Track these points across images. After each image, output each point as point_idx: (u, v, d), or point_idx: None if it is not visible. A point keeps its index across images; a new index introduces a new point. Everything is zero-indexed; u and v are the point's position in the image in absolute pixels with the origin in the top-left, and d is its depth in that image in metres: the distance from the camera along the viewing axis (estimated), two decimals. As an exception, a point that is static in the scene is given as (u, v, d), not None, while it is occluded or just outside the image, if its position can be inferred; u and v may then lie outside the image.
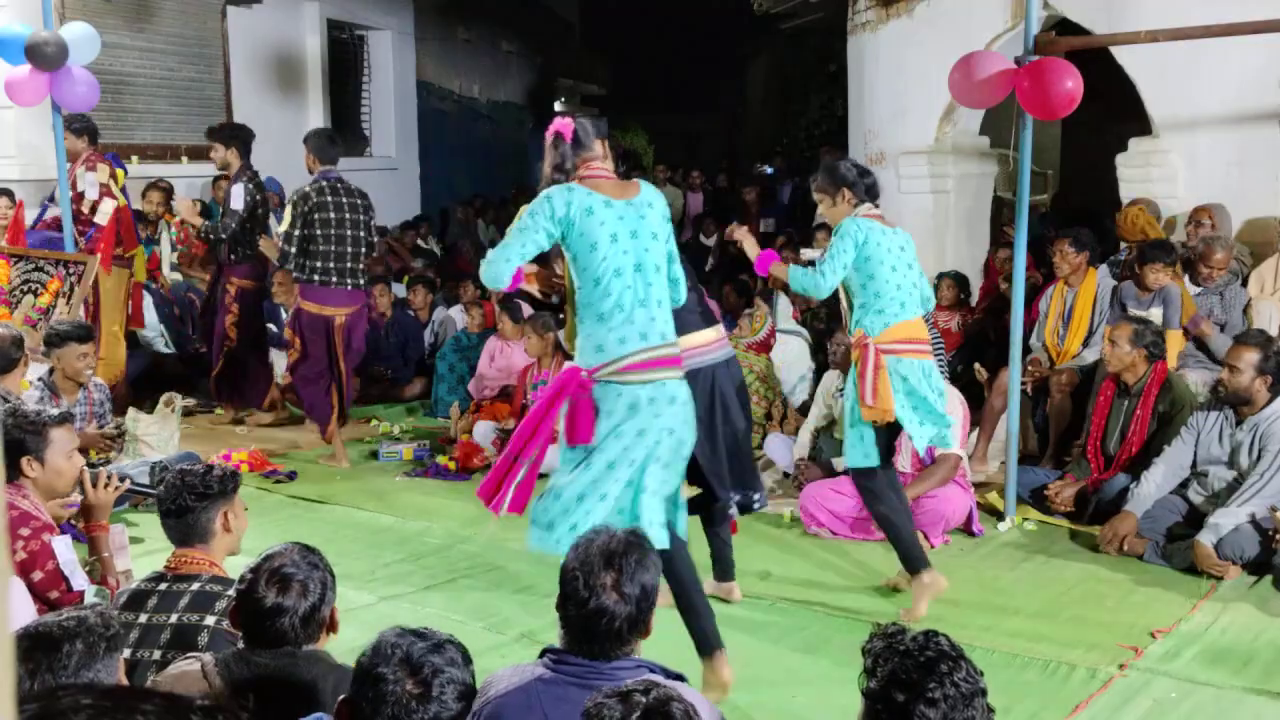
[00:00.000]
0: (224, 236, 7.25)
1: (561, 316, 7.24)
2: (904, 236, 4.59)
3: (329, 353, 6.72)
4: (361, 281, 6.76)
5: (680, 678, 2.43)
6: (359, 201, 6.68)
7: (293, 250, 6.53)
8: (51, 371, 5.79)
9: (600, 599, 2.35)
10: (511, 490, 3.58)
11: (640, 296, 3.53)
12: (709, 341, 4.36)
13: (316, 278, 6.58)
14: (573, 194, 3.53)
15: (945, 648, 2.09)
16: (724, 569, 4.66)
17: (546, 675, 2.36)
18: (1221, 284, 6.46)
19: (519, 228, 3.55)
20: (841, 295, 4.62)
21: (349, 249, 6.61)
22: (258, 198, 7.24)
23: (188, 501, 3.13)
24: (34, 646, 2.26)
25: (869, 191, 4.57)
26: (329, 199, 6.55)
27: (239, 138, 7.27)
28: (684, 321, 4.08)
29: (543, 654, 2.45)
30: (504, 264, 3.56)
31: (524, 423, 3.64)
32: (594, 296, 3.51)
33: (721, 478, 4.30)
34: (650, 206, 3.63)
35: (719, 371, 4.35)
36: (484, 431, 6.81)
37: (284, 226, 6.56)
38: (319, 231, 6.51)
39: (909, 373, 4.44)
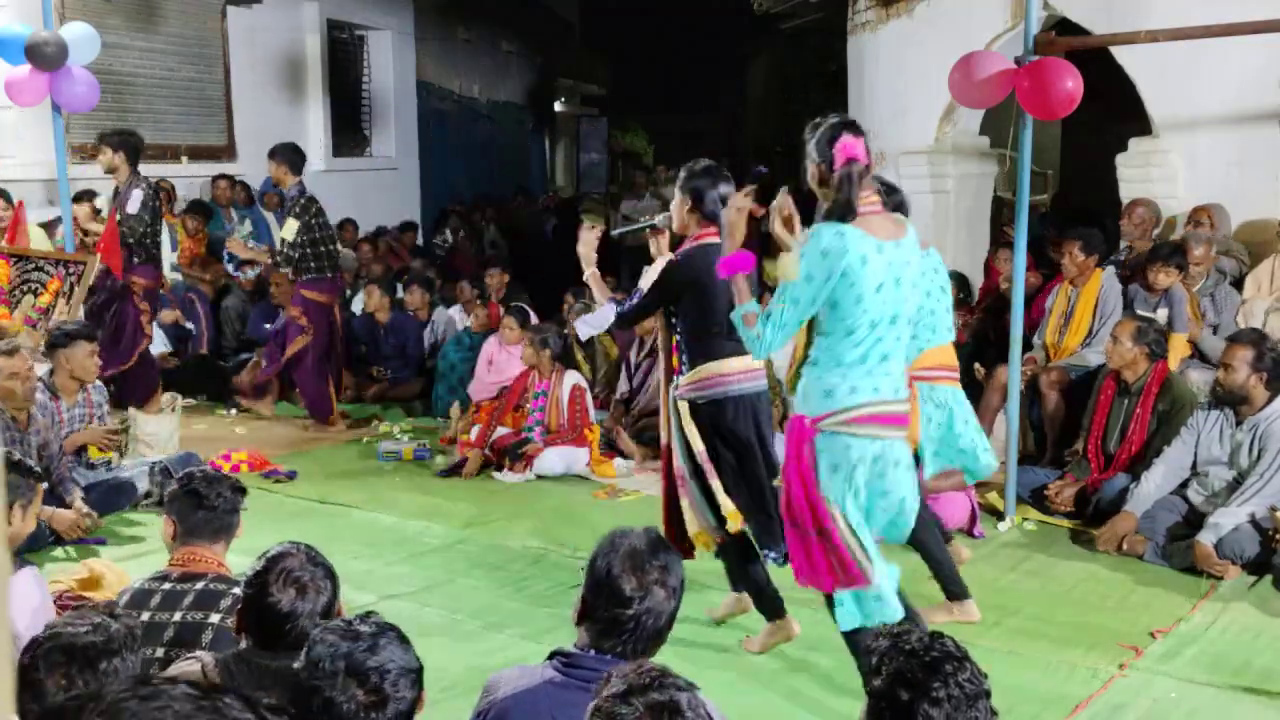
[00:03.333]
0: (130, 240, 7.36)
1: (566, 333, 7.24)
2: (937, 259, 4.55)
3: (330, 340, 7.58)
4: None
5: (692, 687, 2.41)
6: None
7: (295, 256, 7.30)
8: (52, 372, 5.75)
9: (653, 596, 2.34)
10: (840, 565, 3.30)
11: (887, 350, 3.30)
12: (746, 369, 4.06)
13: (327, 273, 7.46)
14: (846, 240, 3.18)
15: (950, 648, 2.10)
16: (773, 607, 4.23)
17: (557, 679, 2.34)
18: (1211, 285, 6.46)
19: (795, 296, 3.20)
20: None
21: (334, 245, 7.63)
22: (155, 202, 7.41)
23: (239, 502, 3.22)
24: (69, 660, 2.26)
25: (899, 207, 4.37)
26: (319, 204, 7.45)
27: (128, 144, 7.37)
28: (719, 347, 3.98)
29: (552, 656, 2.42)
30: (781, 334, 3.27)
31: (795, 496, 3.30)
32: (841, 345, 3.26)
33: (762, 523, 4.05)
34: (914, 250, 3.37)
35: (747, 402, 4.07)
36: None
37: (290, 235, 7.23)
38: (319, 234, 7.37)
39: (943, 399, 4.49)
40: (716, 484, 4.02)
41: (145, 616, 2.95)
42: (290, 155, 7.42)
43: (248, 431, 7.52)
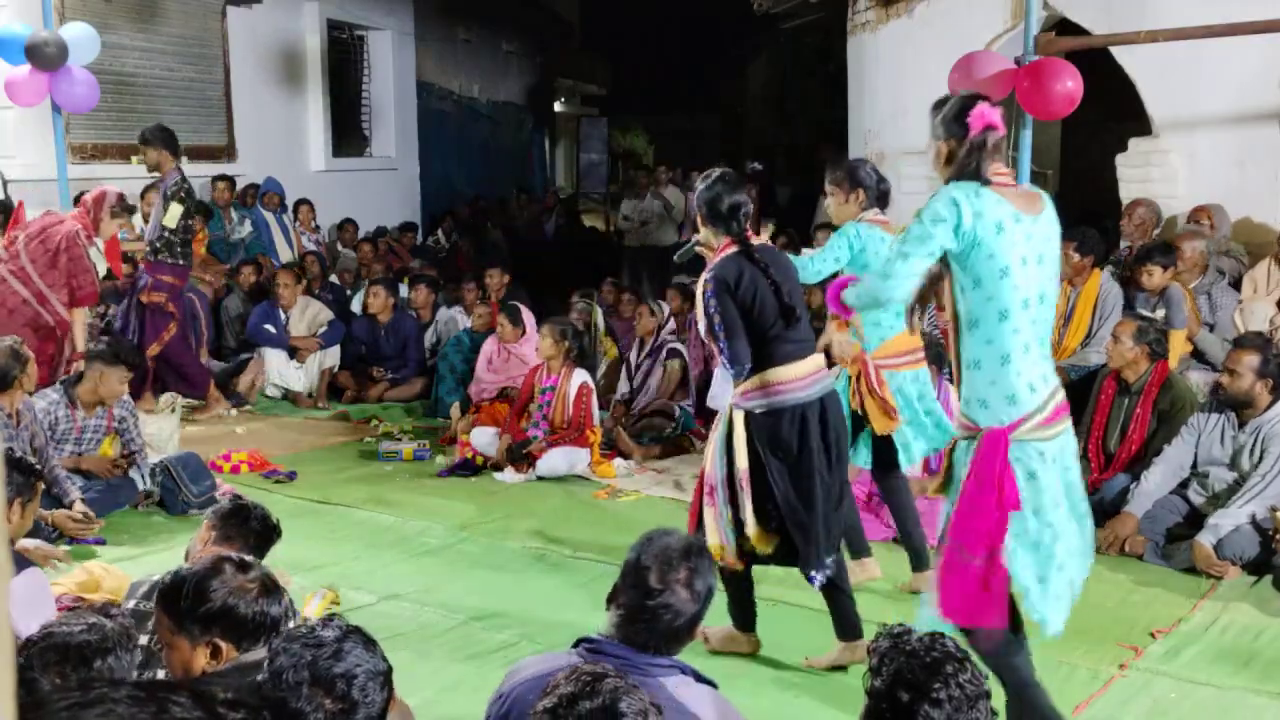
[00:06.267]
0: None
1: (581, 329, 7.21)
2: None
3: (185, 320, 7.63)
4: None
5: (711, 684, 2.43)
6: None
7: (176, 242, 7.27)
8: (78, 381, 5.63)
9: (673, 593, 2.38)
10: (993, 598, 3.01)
11: (1043, 333, 3.08)
12: (810, 373, 3.89)
13: (180, 260, 7.38)
14: (982, 201, 2.97)
15: (951, 649, 2.11)
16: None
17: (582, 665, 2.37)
18: (1207, 283, 6.46)
19: (916, 235, 3.01)
20: None
21: (192, 235, 7.64)
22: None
23: (272, 536, 3.33)
24: (63, 659, 2.26)
25: (880, 199, 4.57)
26: (194, 191, 7.46)
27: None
28: (776, 352, 3.83)
29: (577, 644, 2.46)
30: (904, 280, 3.06)
31: (976, 516, 2.99)
32: (999, 333, 3.00)
33: (808, 541, 3.85)
34: (1052, 224, 3.13)
35: (810, 410, 3.86)
36: (482, 438, 6.77)
37: (173, 222, 7.13)
38: (190, 222, 7.41)
39: (900, 385, 4.57)
40: (748, 507, 3.84)
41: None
42: (168, 140, 7.22)
43: (247, 431, 7.52)
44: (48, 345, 6.32)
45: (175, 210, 7.16)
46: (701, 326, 3.92)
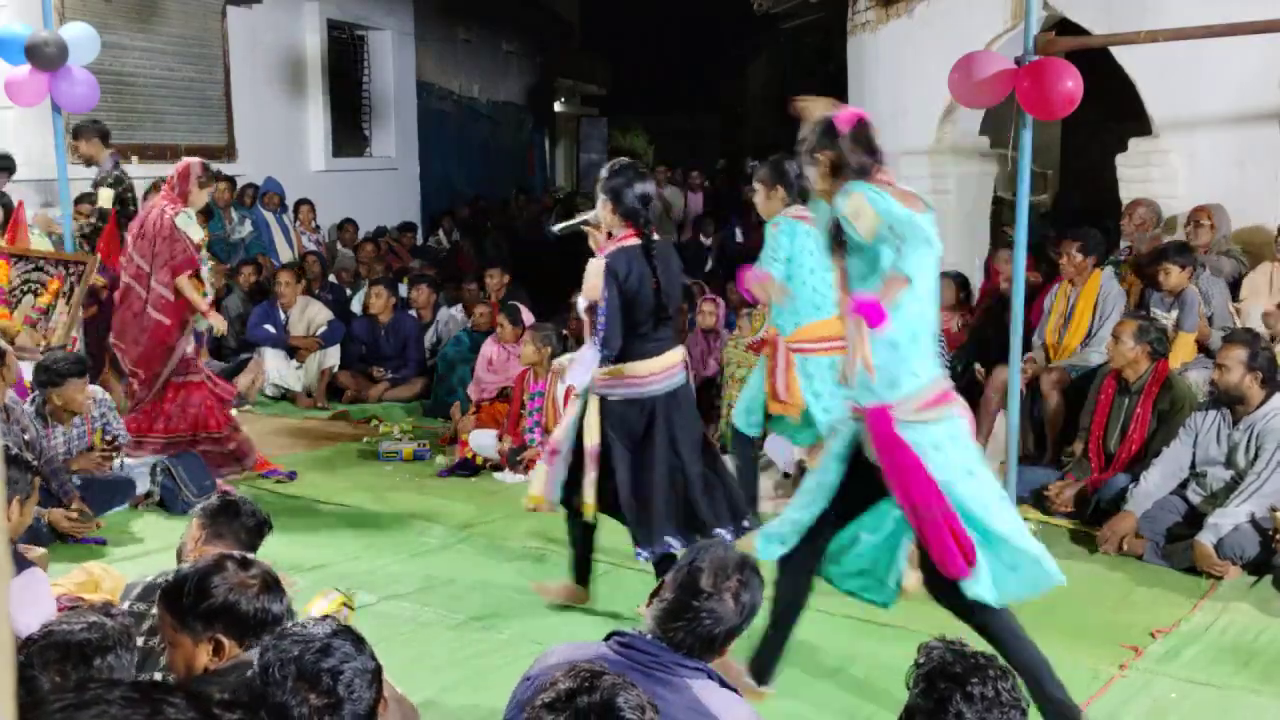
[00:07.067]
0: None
1: (566, 333, 7.20)
2: None
3: None
4: None
5: (734, 691, 2.45)
6: None
7: (103, 227, 7.28)
8: (45, 402, 5.58)
9: (721, 600, 2.41)
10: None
11: (932, 328, 3.21)
12: (665, 368, 4.23)
13: None
14: (889, 201, 3.06)
15: (1002, 664, 2.20)
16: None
17: (610, 656, 2.39)
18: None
19: (904, 221, 3.04)
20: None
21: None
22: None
23: (264, 530, 3.32)
24: (64, 658, 2.26)
25: (802, 194, 4.59)
26: (130, 180, 7.47)
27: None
28: (640, 347, 4.16)
29: (609, 637, 2.48)
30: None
31: (915, 490, 3.16)
32: (914, 317, 3.12)
33: (640, 521, 4.17)
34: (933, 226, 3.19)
35: (659, 403, 4.21)
36: (481, 441, 6.77)
37: (106, 204, 7.22)
38: (134, 209, 7.22)
39: (815, 370, 4.67)
40: (591, 477, 4.17)
41: (156, 610, 2.97)
42: (98, 129, 7.41)
43: (247, 432, 7.50)
44: (154, 360, 6.25)
45: (107, 194, 7.24)
46: (582, 305, 4.22)
